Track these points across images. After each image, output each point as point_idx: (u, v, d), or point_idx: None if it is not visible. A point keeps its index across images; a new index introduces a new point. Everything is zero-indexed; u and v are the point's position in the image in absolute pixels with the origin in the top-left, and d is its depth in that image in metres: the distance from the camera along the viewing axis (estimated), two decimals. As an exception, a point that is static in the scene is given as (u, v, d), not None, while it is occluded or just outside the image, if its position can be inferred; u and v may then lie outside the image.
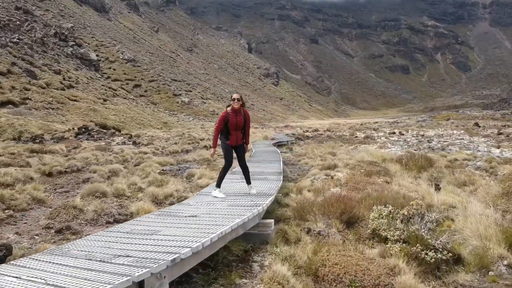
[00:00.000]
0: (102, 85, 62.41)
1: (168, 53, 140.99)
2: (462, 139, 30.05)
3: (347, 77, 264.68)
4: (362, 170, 12.01)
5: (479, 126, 41.97)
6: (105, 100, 54.51)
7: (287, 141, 27.74)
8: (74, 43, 69.97)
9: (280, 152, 19.52)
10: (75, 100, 47.04)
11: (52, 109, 43.16)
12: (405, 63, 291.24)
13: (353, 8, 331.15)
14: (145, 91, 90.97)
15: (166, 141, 28.87)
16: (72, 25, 78.51)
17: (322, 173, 12.81)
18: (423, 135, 33.68)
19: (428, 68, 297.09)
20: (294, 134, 38.08)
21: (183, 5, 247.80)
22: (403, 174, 11.60)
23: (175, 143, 26.87)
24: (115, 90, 66.13)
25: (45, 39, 61.01)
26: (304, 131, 44.28)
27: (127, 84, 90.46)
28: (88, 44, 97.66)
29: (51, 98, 45.07)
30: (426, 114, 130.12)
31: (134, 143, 27.13)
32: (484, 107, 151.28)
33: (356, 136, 33.73)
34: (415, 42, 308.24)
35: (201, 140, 29.82)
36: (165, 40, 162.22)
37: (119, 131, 37.46)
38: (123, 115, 51.69)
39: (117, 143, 27.02)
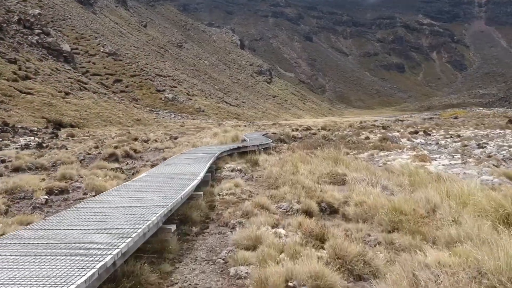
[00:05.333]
0: (69, 78, 56.50)
1: (155, 48, 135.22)
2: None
3: (341, 75, 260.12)
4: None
5: None
6: (67, 94, 48.59)
7: (259, 145, 17.92)
8: (41, 31, 63.98)
9: (232, 171, 12.35)
10: (28, 93, 41.11)
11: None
12: (400, 62, 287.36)
13: (348, 6, 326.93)
14: (126, 86, 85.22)
15: (96, 143, 22.44)
16: (40, 12, 72.37)
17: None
18: (459, 136, 24.69)
19: (423, 67, 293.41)
20: (276, 134, 27.50)
21: (175, 1, 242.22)
22: None
23: (96, 147, 20.17)
24: (85, 83, 60.12)
25: (4, 25, 55.03)
26: (292, 130, 37.36)
27: (107, 78, 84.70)
28: (68, 36, 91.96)
29: (-6, 90, 39.29)
30: (431, 112, 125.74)
31: (41, 146, 20.80)
32: (483, 106, 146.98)
33: (367, 138, 24.42)
34: (411, 41, 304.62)
35: (145, 141, 23.16)
36: (153, 35, 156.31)
37: (77, 128, 31.87)
38: (86, 111, 45.93)
39: (15, 147, 20.19)
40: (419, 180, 8.68)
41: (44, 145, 21.13)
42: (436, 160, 13.78)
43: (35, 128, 27.95)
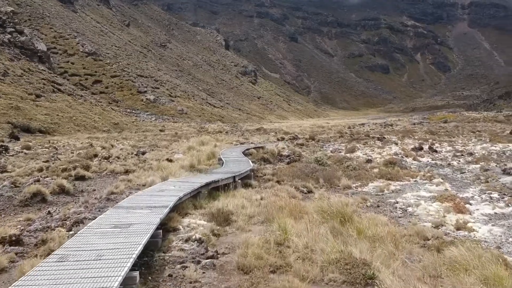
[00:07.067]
0: (42, 79, 53.64)
1: (138, 48, 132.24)
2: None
3: (326, 76, 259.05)
4: None
5: None
6: (38, 96, 45.82)
7: (235, 176, 13.18)
8: (14, 29, 61.06)
9: (187, 241, 7.38)
10: (-6, 96, 38.59)
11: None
12: (385, 63, 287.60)
13: (333, 7, 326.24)
14: (106, 87, 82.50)
15: (48, 160, 19.32)
16: (13, 9, 69.32)
17: None
18: (471, 154, 20.80)
19: (408, 68, 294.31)
20: (258, 150, 22.70)
21: (159, 0, 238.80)
22: None
23: (40, 170, 15.82)
24: (60, 84, 57.17)
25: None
26: (278, 139, 33.86)
27: (86, 79, 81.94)
28: (46, 35, 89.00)
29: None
30: (417, 114, 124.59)
31: None
32: (468, 108, 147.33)
33: (369, 160, 19.20)
34: (395, 42, 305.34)
35: (105, 158, 19.57)
36: (136, 34, 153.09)
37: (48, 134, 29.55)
38: (58, 115, 43.27)
39: None
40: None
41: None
42: (471, 204, 10.44)
43: None
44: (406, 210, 9.90)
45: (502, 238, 7.52)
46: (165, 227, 7.98)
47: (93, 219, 8.14)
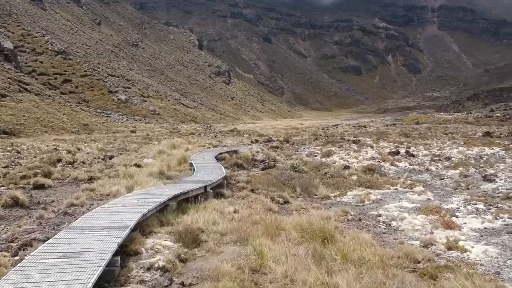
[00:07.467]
0: (7, 78, 51.48)
1: (109, 47, 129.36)
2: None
3: (300, 77, 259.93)
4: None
5: (492, 136, 32.63)
6: (3, 96, 43.81)
7: (206, 186, 12.04)
8: (-24, 27, 58.71)
9: (149, 270, 6.36)
10: (-46, 96, 36.60)
11: None
12: (357, 64, 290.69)
13: (306, 8, 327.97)
14: (76, 87, 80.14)
15: (6, 165, 17.32)
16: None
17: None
18: (448, 159, 20.22)
19: (379, 70, 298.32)
20: (231, 155, 21.57)
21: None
22: None
23: None
24: (27, 84, 55.07)
25: None
26: (252, 141, 33.05)
27: (55, 78, 79.42)
28: (13, 33, 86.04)
29: None
30: (389, 114, 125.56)
31: None
32: (438, 109, 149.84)
33: (346, 167, 18.24)
34: (367, 44, 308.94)
35: (70, 163, 18.20)
36: (107, 33, 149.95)
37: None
38: (24, 115, 41.47)
39: None
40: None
41: None
42: (457, 217, 9.72)
43: None
44: (390, 225, 9.09)
45: (499, 260, 6.86)
46: (126, 250, 7.00)
47: (44, 242, 7.14)
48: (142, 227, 8.30)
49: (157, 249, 7.21)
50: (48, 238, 7.61)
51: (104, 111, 73.18)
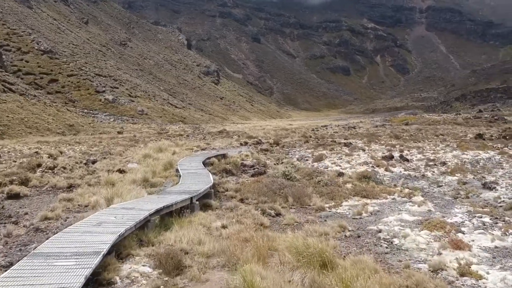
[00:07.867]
0: (-9, 78, 50.37)
1: (97, 46, 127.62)
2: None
3: (289, 77, 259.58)
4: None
5: (483, 138, 32.12)
6: (-14, 97, 42.85)
7: (192, 197, 11.11)
8: (-42, 25, 57.17)
9: None
10: None
11: None
12: (346, 65, 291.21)
13: (295, 8, 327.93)
14: (63, 86, 78.79)
15: None
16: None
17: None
18: (444, 164, 19.36)
19: (368, 70, 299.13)
20: (220, 159, 20.44)
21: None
22: None
23: None
24: (11, 84, 53.78)
25: None
26: (241, 143, 31.84)
27: (42, 78, 78.07)
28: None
29: None
30: (377, 115, 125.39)
31: None
32: (426, 109, 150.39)
33: (340, 173, 16.99)
34: (356, 44, 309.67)
35: (50, 169, 17.35)
36: (95, 32, 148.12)
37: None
38: (8, 116, 40.33)
39: None
40: None
41: None
42: (463, 233, 8.86)
43: None
44: (392, 243, 8.21)
45: (497, 277, 6.14)
46: (98, 279, 6.16)
47: (7, 268, 6.29)
48: (119, 249, 7.43)
49: (133, 278, 6.32)
50: (12, 264, 6.74)
51: (90, 111, 71.94)
